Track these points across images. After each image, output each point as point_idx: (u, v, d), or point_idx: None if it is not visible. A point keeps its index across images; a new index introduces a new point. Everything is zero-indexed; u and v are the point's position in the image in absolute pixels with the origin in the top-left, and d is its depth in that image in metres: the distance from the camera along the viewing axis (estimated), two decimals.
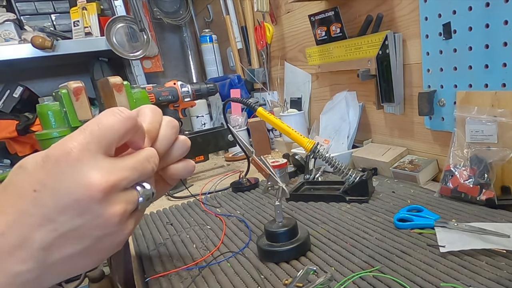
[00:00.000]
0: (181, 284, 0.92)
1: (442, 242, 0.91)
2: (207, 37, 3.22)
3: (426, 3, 1.28)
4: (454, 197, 1.17)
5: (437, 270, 0.81)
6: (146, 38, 2.99)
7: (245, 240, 1.11)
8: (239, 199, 1.47)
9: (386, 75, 1.46)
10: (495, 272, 0.77)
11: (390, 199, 1.26)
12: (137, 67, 3.17)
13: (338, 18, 1.64)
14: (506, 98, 1.08)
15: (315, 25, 1.79)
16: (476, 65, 1.17)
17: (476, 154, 1.13)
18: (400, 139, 1.59)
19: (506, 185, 1.12)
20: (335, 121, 1.75)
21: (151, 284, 0.96)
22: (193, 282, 0.92)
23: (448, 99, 1.29)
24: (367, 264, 0.88)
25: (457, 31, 1.20)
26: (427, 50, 1.32)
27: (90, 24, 2.92)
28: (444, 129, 1.33)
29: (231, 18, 2.83)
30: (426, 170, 1.38)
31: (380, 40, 1.45)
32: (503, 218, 1.01)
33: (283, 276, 0.88)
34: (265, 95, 2.58)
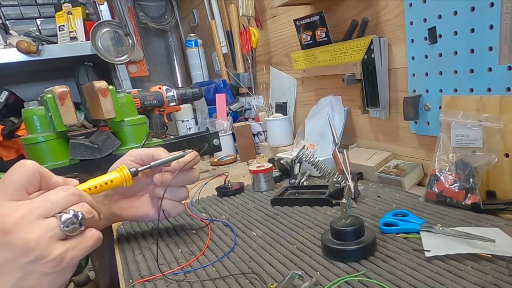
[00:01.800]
0: None
1: (427, 246, 0.90)
2: (193, 42, 3.21)
3: (411, 7, 1.27)
4: (440, 202, 1.16)
5: (423, 275, 0.81)
6: (131, 42, 2.98)
7: (230, 244, 1.09)
8: (225, 204, 1.45)
9: (372, 80, 1.46)
10: (480, 276, 0.77)
11: (376, 203, 1.26)
12: (123, 72, 3.14)
13: (323, 22, 1.64)
14: (491, 102, 1.07)
15: (301, 29, 1.78)
16: (461, 69, 1.16)
17: (462, 159, 1.12)
18: (386, 143, 1.58)
19: (491, 190, 1.12)
20: (321, 125, 1.74)
21: None
22: (178, 287, 0.91)
23: (434, 103, 1.28)
24: (352, 268, 0.88)
25: (443, 36, 1.19)
26: (412, 55, 1.32)
27: (75, 29, 2.90)
28: (430, 134, 1.32)
29: (217, 23, 2.83)
30: (412, 175, 1.37)
31: (365, 45, 1.44)
32: (488, 222, 1.00)
33: (269, 281, 0.87)
34: (251, 100, 2.56)
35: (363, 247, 0.92)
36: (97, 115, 1.59)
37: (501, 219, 1.02)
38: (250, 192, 1.56)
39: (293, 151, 1.77)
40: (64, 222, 0.61)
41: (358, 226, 0.94)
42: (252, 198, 1.48)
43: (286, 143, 2.02)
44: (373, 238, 0.94)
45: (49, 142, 1.47)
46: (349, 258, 0.91)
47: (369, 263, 0.89)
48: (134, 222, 1.31)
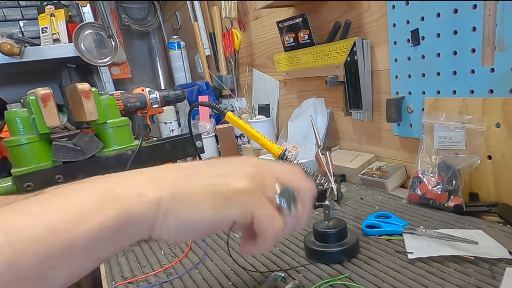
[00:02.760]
0: None
1: (410, 248, 0.90)
2: (175, 44, 3.19)
3: (394, 9, 1.27)
4: (422, 204, 1.16)
5: (406, 277, 0.81)
6: (114, 44, 2.96)
7: (213, 246, 1.09)
8: None
9: (354, 82, 1.45)
10: (463, 278, 0.77)
11: (358, 205, 1.25)
12: (105, 74, 3.11)
13: (306, 24, 1.62)
14: (474, 104, 1.07)
15: (283, 31, 1.77)
16: (444, 71, 1.16)
17: (444, 161, 1.12)
18: (368, 145, 1.57)
19: (474, 192, 1.11)
20: (303, 127, 1.73)
21: None
22: None
23: (416, 105, 1.27)
24: (335, 270, 0.87)
25: (425, 38, 1.19)
26: (395, 57, 1.31)
27: (58, 31, 2.88)
28: (412, 136, 1.32)
29: (199, 25, 2.80)
30: (394, 177, 1.36)
31: (348, 47, 1.43)
32: (471, 224, 1.00)
33: (251, 283, 0.87)
34: (233, 102, 2.55)
35: (346, 249, 0.91)
36: (80, 117, 1.55)
37: (484, 221, 1.02)
38: None
39: None
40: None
41: (341, 228, 0.94)
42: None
43: None
44: (356, 240, 0.94)
45: (32, 144, 1.45)
46: (332, 260, 0.91)
47: (352, 265, 0.89)
48: None
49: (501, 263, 0.80)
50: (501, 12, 0.95)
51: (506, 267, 0.78)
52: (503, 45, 0.98)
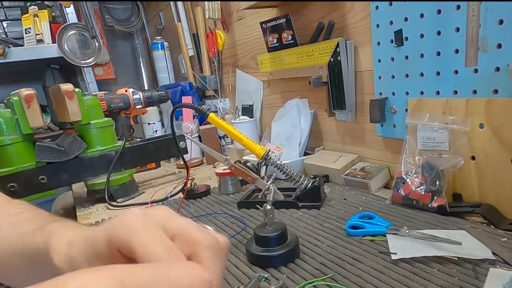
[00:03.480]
0: None
1: (393, 249, 0.90)
2: (159, 44, 3.18)
3: (377, 10, 1.26)
4: (406, 204, 1.15)
5: (389, 277, 0.81)
6: (97, 45, 2.96)
7: None
8: (191, 206, 1.44)
9: (338, 82, 1.44)
10: (447, 279, 0.77)
11: (342, 206, 1.25)
12: (89, 74, 3.11)
13: (289, 25, 1.62)
14: (457, 105, 1.06)
15: (267, 32, 1.76)
16: (427, 72, 1.15)
17: (428, 161, 1.12)
18: (352, 146, 1.56)
19: (457, 192, 1.11)
20: (287, 128, 1.72)
21: None
22: None
23: (400, 106, 1.27)
24: (319, 271, 0.87)
25: (409, 38, 1.18)
26: (378, 57, 1.30)
27: (41, 31, 2.87)
28: (396, 136, 1.31)
29: (183, 25, 2.78)
30: (378, 177, 1.36)
31: (331, 47, 1.42)
32: (454, 225, 1.00)
33: (235, 283, 0.87)
34: (217, 102, 2.53)
35: (287, 252, 0.93)
36: (64, 118, 1.57)
37: (467, 221, 1.02)
38: (216, 194, 1.56)
39: None
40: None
41: (281, 231, 0.95)
42: (218, 201, 1.47)
43: None
44: (296, 243, 0.96)
45: (15, 145, 1.47)
46: (275, 264, 0.92)
47: (335, 265, 0.89)
48: None
49: (484, 264, 0.80)
50: (485, 13, 0.95)
51: (490, 268, 0.78)
52: (487, 45, 0.97)
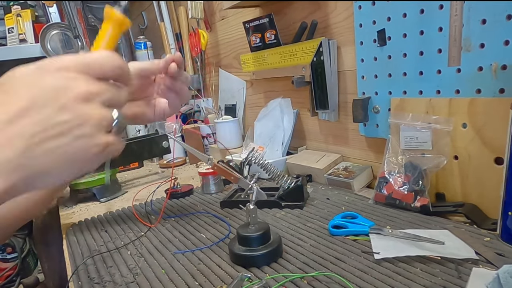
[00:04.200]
0: None
1: (376, 249, 0.89)
2: (142, 44, 3.15)
3: (360, 10, 1.25)
4: (389, 204, 1.15)
5: (372, 277, 0.80)
6: (80, 44, 2.97)
7: (179, 247, 1.07)
8: (174, 206, 1.43)
9: (321, 82, 1.43)
10: (430, 279, 0.76)
11: (325, 205, 1.24)
12: None
13: (272, 25, 1.60)
14: (440, 104, 1.06)
15: (250, 32, 1.75)
16: (410, 72, 1.14)
17: (411, 161, 1.11)
18: (335, 146, 1.56)
19: (440, 192, 1.11)
20: (270, 128, 1.71)
21: None
22: None
23: (383, 106, 1.26)
24: (302, 271, 0.86)
25: (392, 38, 1.17)
26: (361, 57, 1.29)
27: (24, 31, 2.89)
28: (379, 136, 1.30)
29: (166, 25, 2.77)
30: (361, 177, 1.35)
31: (314, 47, 1.41)
32: (437, 224, 1.00)
33: (218, 283, 0.86)
34: (200, 102, 2.51)
35: (270, 252, 0.92)
36: None
37: (450, 221, 1.01)
38: (199, 194, 1.54)
39: (242, 153, 1.75)
40: (119, 119, 0.57)
41: (264, 231, 0.94)
42: (201, 200, 1.45)
43: (236, 145, 1.99)
44: (279, 242, 0.95)
45: None
46: (258, 264, 0.91)
47: (318, 265, 0.88)
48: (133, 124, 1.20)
49: (467, 263, 0.80)
50: (468, 13, 0.95)
51: (473, 267, 0.77)
52: (470, 45, 0.97)
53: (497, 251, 0.83)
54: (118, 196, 1.68)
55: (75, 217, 1.47)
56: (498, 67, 0.93)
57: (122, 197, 1.67)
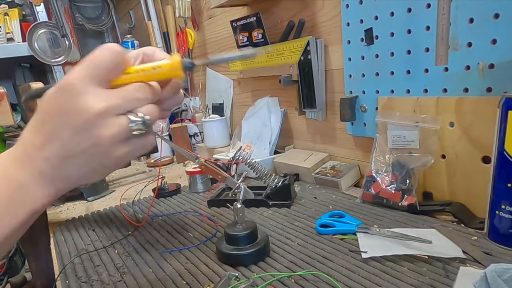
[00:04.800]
0: None
1: (364, 248, 0.89)
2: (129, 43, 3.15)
3: (348, 9, 1.24)
4: (376, 203, 1.14)
5: (359, 276, 0.79)
6: (68, 44, 2.98)
7: (166, 245, 1.06)
8: (161, 205, 1.42)
9: (308, 81, 1.42)
10: (417, 277, 0.76)
11: (312, 204, 1.23)
12: (59, 73, 3.13)
13: (260, 24, 1.59)
14: (427, 103, 1.05)
15: (237, 31, 1.73)
16: (398, 70, 1.14)
17: (398, 160, 1.10)
18: (322, 144, 1.55)
19: (428, 191, 1.10)
20: (257, 126, 1.70)
21: None
22: None
23: (370, 105, 1.25)
24: (289, 269, 0.86)
25: (379, 37, 1.17)
26: (349, 56, 1.29)
27: (12, 30, 2.90)
28: (366, 135, 1.30)
29: (153, 24, 2.75)
30: (348, 176, 1.34)
31: (302, 46, 1.40)
32: (425, 223, 0.99)
33: (205, 282, 0.85)
34: (187, 101, 2.49)
35: (258, 251, 0.91)
36: None
37: (438, 220, 1.01)
38: (186, 193, 1.53)
39: (229, 152, 1.73)
40: (134, 126, 0.60)
41: (251, 230, 0.94)
42: (188, 199, 1.44)
43: (223, 144, 1.97)
44: (266, 241, 0.94)
45: None
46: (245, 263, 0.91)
47: (305, 264, 0.87)
48: None
49: (454, 262, 0.79)
50: (455, 12, 0.94)
51: (460, 266, 0.77)
52: (457, 44, 0.96)
53: (485, 250, 0.83)
54: (105, 195, 1.66)
55: (62, 216, 1.45)
56: (485, 66, 0.92)
57: (110, 196, 1.65)
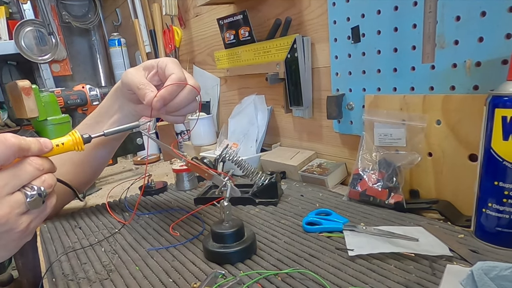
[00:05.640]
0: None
1: (350, 245, 0.88)
2: (116, 41, 3.14)
3: (334, 6, 1.23)
4: (363, 201, 1.13)
5: (346, 274, 0.79)
6: (54, 41, 2.97)
7: (153, 243, 1.05)
8: (148, 203, 1.40)
9: (295, 79, 1.41)
10: (404, 275, 0.75)
11: (299, 202, 1.22)
12: (46, 71, 3.11)
13: (246, 21, 1.58)
14: (414, 101, 1.04)
15: (224, 28, 1.72)
16: (384, 68, 1.13)
17: (385, 158, 1.10)
18: (309, 142, 1.54)
19: (414, 189, 1.10)
20: (244, 124, 1.69)
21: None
22: (101, 286, 0.87)
23: (357, 102, 1.24)
24: (276, 267, 0.85)
25: (366, 35, 1.16)
26: (335, 54, 1.28)
27: None
28: (353, 133, 1.29)
29: (140, 22, 2.74)
30: (335, 174, 1.33)
31: (288, 44, 1.39)
32: (411, 221, 0.98)
33: (192, 280, 0.84)
34: None
35: (244, 248, 0.90)
36: (21, 114, 1.58)
37: (425, 218, 1.00)
38: (173, 191, 1.51)
39: (216, 150, 1.72)
40: (30, 200, 0.65)
41: (238, 228, 0.92)
42: (175, 197, 1.43)
43: (209, 142, 1.96)
44: (253, 239, 0.93)
45: None
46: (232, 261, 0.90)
47: (292, 261, 0.86)
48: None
49: (441, 260, 0.79)
50: (442, 10, 0.93)
51: (447, 264, 0.77)
52: (444, 42, 0.96)
53: (471, 248, 0.82)
54: (92, 193, 1.64)
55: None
56: (472, 64, 0.92)
57: (96, 193, 1.63)
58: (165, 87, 0.92)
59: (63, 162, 1.16)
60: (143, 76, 0.99)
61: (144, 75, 1.00)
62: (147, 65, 1.02)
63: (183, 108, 0.98)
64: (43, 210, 0.69)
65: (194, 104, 1.00)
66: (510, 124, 0.75)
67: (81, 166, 1.20)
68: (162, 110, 0.96)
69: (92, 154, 1.19)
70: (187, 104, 0.97)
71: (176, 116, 1.00)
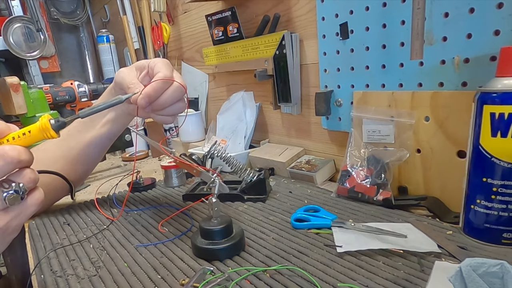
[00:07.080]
0: (78, 284, 0.86)
1: (339, 242, 0.87)
2: (104, 37, 3.14)
3: (323, 3, 1.22)
4: (351, 197, 1.13)
5: (334, 270, 0.78)
6: (43, 38, 2.97)
7: (142, 240, 1.04)
8: (136, 199, 1.39)
9: (283, 75, 1.40)
10: (392, 272, 0.75)
11: (287, 199, 1.21)
12: (34, 67, 3.11)
13: (235, 18, 1.57)
14: (403, 98, 1.04)
15: (212, 25, 1.71)
16: (373, 65, 1.12)
17: (373, 154, 1.09)
18: (297, 139, 1.53)
19: (403, 185, 1.09)
20: (232, 121, 1.67)
21: (48, 285, 0.88)
22: (90, 282, 0.86)
23: (345, 99, 1.23)
24: (264, 264, 0.84)
25: (354, 31, 1.14)
26: (324, 50, 1.26)
27: None
28: (341, 129, 1.28)
29: (128, 18, 2.72)
30: (323, 170, 1.32)
31: (277, 40, 1.38)
32: (400, 218, 0.98)
33: (180, 276, 0.83)
34: None
35: (233, 245, 0.90)
36: (9, 111, 1.59)
37: (413, 214, 1.00)
38: (162, 187, 1.50)
39: (204, 146, 1.72)
40: (6, 198, 0.60)
41: (226, 224, 0.92)
42: (164, 194, 1.42)
43: (198, 138, 1.95)
44: (241, 235, 0.93)
45: None
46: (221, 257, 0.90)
47: (280, 258, 0.86)
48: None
49: (430, 257, 0.79)
50: (430, 6, 0.93)
51: (435, 261, 0.76)
52: (432, 38, 0.95)
53: (460, 245, 0.82)
54: (80, 190, 1.62)
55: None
56: (460, 60, 0.91)
57: (85, 190, 1.61)
58: (149, 84, 0.93)
59: (56, 159, 1.17)
60: (135, 76, 1.00)
61: (136, 75, 1.00)
62: (139, 65, 1.02)
63: (170, 107, 0.98)
64: (26, 207, 0.65)
65: (181, 104, 1.00)
66: (498, 120, 0.75)
67: (74, 164, 1.20)
68: (148, 109, 0.96)
69: (85, 152, 1.18)
70: (174, 102, 0.97)
71: (164, 116, 1.00)
